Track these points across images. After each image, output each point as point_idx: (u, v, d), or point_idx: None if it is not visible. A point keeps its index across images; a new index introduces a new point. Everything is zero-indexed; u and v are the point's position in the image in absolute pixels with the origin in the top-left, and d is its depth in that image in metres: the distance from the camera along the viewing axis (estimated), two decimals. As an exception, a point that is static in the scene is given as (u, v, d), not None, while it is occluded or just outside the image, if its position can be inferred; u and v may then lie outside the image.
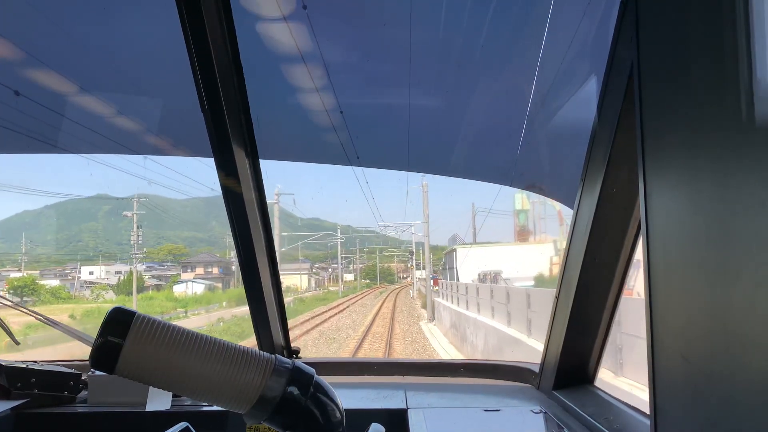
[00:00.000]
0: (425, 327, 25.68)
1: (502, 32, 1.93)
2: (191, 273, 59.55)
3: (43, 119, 2.41)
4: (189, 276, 57.64)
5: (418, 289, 50.50)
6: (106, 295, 41.81)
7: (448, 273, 39.89)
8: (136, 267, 43.27)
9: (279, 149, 2.61)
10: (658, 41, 1.01)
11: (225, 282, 58.18)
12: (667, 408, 0.97)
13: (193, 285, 50.61)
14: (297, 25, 1.89)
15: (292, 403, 0.92)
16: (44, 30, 2.06)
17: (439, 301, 28.18)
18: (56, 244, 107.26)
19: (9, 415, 1.74)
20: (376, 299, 49.54)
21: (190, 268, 62.17)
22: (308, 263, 74.98)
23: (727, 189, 0.78)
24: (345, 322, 27.89)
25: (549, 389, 1.90)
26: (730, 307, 0.77)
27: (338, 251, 63.34)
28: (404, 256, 78.91)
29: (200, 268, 60.99)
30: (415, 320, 29.48)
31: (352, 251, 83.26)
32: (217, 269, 60.58)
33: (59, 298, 40.15)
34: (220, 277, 58.68)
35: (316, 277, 73.75)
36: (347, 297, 51.82)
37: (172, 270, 63.47)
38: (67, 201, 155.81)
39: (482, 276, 30.22)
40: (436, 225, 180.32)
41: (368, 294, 60.30)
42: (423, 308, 35.01)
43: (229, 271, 60.62)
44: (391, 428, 1.13)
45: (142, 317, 0.87)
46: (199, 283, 52.04)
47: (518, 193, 40.25)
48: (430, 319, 28.23)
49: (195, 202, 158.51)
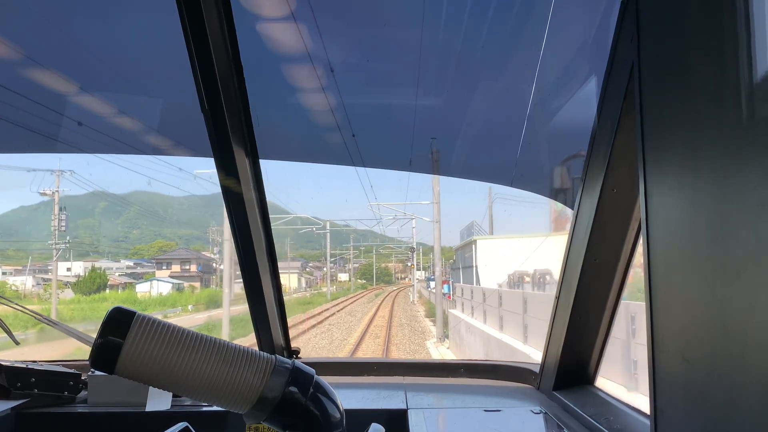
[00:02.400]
0: (435, 351, 18.38)
1: (502, 32, 1.93)
2: (166, 270, 55.07)
3: (43, 118, 2.41)
4: (164, 273, 53.10)
5: (419, 291, 45.95)
6: (61, 294, 35.54)
7: (462, 274, 30.73)
8: (56, 261, 34.00)
9: (279, 149, 2.61)
10: (658, 41, 1.01)
11: (204, 281, 53.20)
12: (668, 408, 0.97)
13: (158, 284, 44.96)
14: (297, 24, 1.89)
15: (292, 404, 0.92)
16: (44, 30, 2.06)
17: (457, 315, 19.70)
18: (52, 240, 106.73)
19: (9, 415, 1.74)
20: (369, 303, 42.64)
21: (165, 264, 57.54)
22: (300, 262, 71.64)
23: (727, 189, 0.78)
24: (320, 343, 19.94)
25: (549, 390, 1.89)
26: (730, 307, 0.77)
27: (327, 247, 57.68)
28: (404, 254, 76.10)
29: (176, 265, 56.35)
30: (419, 338, 21.32)
31: (348, 249, 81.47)
32: (195, 267, 56.07)
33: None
34: (198, 276, 54.28)
35: (308, 277, 70.10)
36: (336, 300, 45.29)
37: (147, 268, 59.10)
38: (63, 198, 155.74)
39: (516, 278, 21.40)
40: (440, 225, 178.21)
41: (362, 296, 53.99)
42: (428, 319, 27.70)
43: (209, 268, 55.07)
44: (391, 428, 1.13)
45: (142, 317, 0.87)
46: (166, 283, 46.36)
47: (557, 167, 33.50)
48: (440, 338, 20.34)
49: (193, 199, 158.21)
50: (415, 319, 28.91)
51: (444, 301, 22.35)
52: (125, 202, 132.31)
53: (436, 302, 21.99)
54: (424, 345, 19.64)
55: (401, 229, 46.16)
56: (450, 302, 24.37)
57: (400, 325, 25.84)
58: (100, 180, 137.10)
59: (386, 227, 37.26)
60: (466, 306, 19.51)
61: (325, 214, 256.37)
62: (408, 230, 46.16)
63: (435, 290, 23.84)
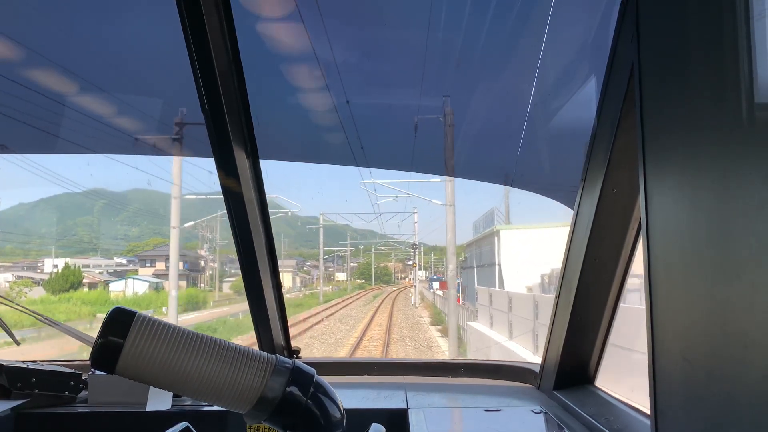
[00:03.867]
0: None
1: (502, 33, 1.93)
2: (150, 268, 50.33)
3: (44, 119, 2.41)
4: (148, 272, 48.77)
5: (420, 293, 41.43)
6: (29, 293, 32.30)
7: (478, 275, 25.29)
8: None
9: (280, 149, 2.61)
10: (658, 41, 1.01)
11: (191, 279, 49.97)
12: (668, 408, 0.97)
13: (134, 283, 40.38)
14: (297, 25, 1.89)
15: (293, 403, 0.92)
16: (44, 30, 2.06)
17: (480, 330, 15.60)
18: (51, 237, 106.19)
19: (9, 415, 1.74)
20: (366, 307, 37.61)
21: (148, 262, 52.57)
22: (296, 260, 69.12)
23: (727, 189, 0.78)
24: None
25: (549, 389, 1.90)
26: (730, 307, 0.77)
27: (320, 244, 52.11)
28: (404, 252, 73.82)
29: (161, 263, 49.55)
30: (428, 357, 16.55)
31: (345, 247, 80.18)
32: (182, 264, 49.80)
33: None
34: (184, 274, 48.25)
35: (303, 276, 66.93)
36: (329, 303, 39.92)
37: (130, 266, 54.68)
38: (62, 194, 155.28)
39: (555, 279, 13.38)
40: (437, 226, 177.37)
41: (358, 298, 48.77)
42: (434, 327, 23.78)
43: (197, 266, 51.94)
44: (392, 428, 1.13)
45: (143, 317, 0.87)
46: (143, 281, 41.66)
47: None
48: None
49: (194, 198, 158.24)
50: (418, 328, 24.48)
51: (458, 312, 17.29)
52: (125, 200, 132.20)
53: (448, 312, 17.21)
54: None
55: (401, 224, 42.95)
56: (461, 307, 19.67)
57: (401, 337, 21.30)
58: (99, 179, 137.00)
59: (385, 222, 34.38)
60: (496, 320, 14.11)
61: (321, 212, 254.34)
62: (409, 225, 43.65)
63: (440, 292, 20.43)
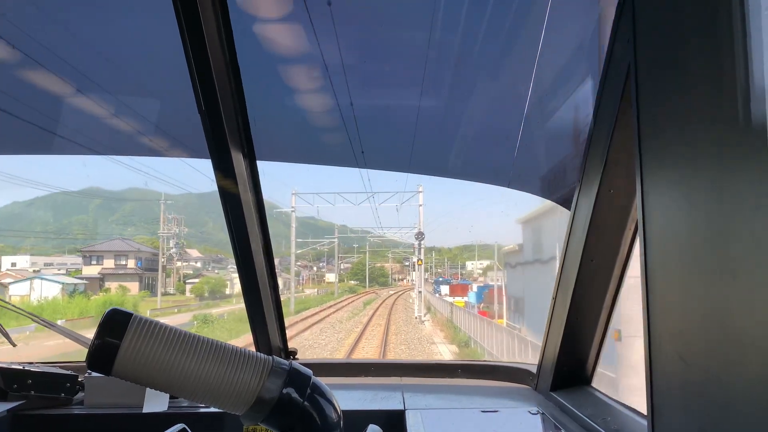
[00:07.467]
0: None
1: (499, 33, 1.93)
2: (97, 266, 44.32)
3: (39, 120, 2.40)
4: (93, 270, 43.19)
5: (426, 300, 30.66)
6: None
7: (537, 274, 17.60)
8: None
9: (277, 150, 2.61)
10: (655, 41, 1.01)
11: (145, 281, 44.21)
12: (665, 408, 0.97)
13: (42, 284, 33.62)
14: (294, 25, 1.89)
15: (290, 405, 0.92)
16: (42, 29, 2.05)
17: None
18: (44, 236, 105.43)
19: (5, 417, 1.73)
20: (350, 321, 26.18)
21: (95, 258, 45.23)
22: (279, 259, 69.54)
23: (724, 189, 0.78)
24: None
25: (546, 390, 1.90)
26: (727, 307, 0.77)
27: (292, 237, 38.75)
28: (403, 252, 70.22)
29: (110, 260, 44.76)
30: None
31: (349, 252, 78.68)
32: (134, 262, 44.97)
33: None
34: (137, 274, 43.95)
35: (287, 278, 63.82)
36: (302, 314, 28.90)
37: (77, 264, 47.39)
38: (57, 193, 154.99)
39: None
40: (436, 226, 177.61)
41: (344, 306, 36.04)
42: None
43: (153, 265, 44.97)
44: (389, 429, 1.13)
45: (139, 318, 0.87)
46: (55, 283, 34.90)
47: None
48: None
49: (189, 197, 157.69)
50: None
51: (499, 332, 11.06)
52: (120, 199, 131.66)
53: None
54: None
55: (401, 207, 33.31)
56: (502, 330, 14.67)
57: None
58: (96, 178, 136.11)
59: (380, 204, 30.48)
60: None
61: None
62: (412, 212, 34.14)
63: (450, 298, 14.22)
